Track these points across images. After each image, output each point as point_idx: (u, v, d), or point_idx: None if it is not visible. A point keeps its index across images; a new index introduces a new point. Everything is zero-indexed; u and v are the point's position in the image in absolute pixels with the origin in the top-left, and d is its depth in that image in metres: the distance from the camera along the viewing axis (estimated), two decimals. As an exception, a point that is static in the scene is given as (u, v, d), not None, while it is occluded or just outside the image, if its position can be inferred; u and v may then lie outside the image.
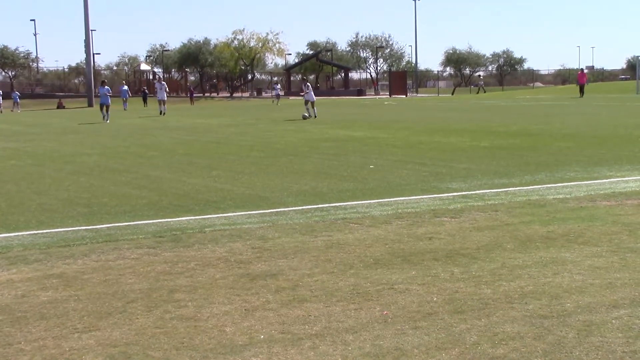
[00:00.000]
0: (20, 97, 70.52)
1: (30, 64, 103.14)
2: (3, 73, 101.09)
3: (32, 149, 22.93)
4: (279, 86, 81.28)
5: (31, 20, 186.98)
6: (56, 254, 8.28)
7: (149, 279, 7.12)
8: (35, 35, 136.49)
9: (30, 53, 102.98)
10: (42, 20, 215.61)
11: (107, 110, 40.07)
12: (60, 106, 72.49)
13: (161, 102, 47.07)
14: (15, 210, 11.29)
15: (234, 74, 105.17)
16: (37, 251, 8.43)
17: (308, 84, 38.84)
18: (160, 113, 45.86)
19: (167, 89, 49.28)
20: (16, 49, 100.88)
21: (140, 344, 5.34)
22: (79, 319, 5.93)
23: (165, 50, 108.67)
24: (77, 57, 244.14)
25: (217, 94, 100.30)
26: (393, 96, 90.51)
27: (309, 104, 37.17)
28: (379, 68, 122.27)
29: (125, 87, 61.27)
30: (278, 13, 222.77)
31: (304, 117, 36.00)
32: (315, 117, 36.27)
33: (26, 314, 6.11)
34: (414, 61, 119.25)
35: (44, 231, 9.60)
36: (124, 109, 51.91)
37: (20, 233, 9.51)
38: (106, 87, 41.03)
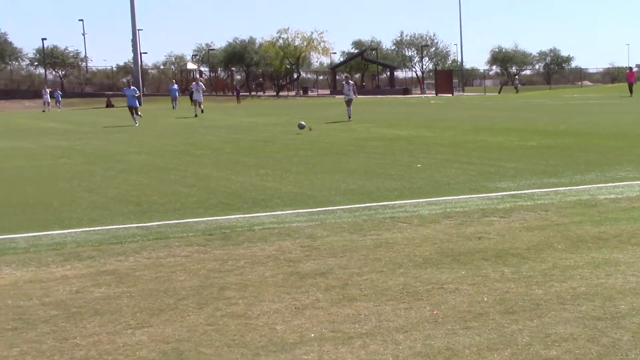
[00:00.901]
0: (62, 96, 71.51)
1: (80, 63, 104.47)
2: (53, 72, 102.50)
3: (82, 147, 23.25)
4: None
5: (79, 20, 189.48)
6: (108, 250, 8.39)
7: (200, 277, 7.19)
8: (83, 35, 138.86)
9: (79, 53, 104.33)
10: (90, 20, 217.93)
11: (136, 113, 36.96)
12: (109, 105, 73.39)
13: (197, 102, 45.33)
14: (68, 207, 11.46)
15: (280, 72, 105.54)
16: (90, 248, 8.55)
17: (351, 82, 36.71)
18: (196, 116, 43.36)
19: (204, 89, 47.42)
20: (65, 49, 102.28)
21: (192, 341, 5.39)
22: (131, 315, 6.01)
23: (211, 50, 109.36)
24: (124, 56, 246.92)
25: (264, 93, 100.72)
26: (439, 95, 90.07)
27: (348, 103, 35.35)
28: (424, 67, 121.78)
29: (175, 86, 61.15)
30: (323, 12, 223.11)
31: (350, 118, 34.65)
32: (350, 119, 34.02)
33: (81, 310, 6.21)
34: (459, 60, 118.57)
35: (96, 228, 9.74)
36: (173, 108, 52.19)
37: (73, 230, 9.66)
38: (132, 87, 38.50)
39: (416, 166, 15.57)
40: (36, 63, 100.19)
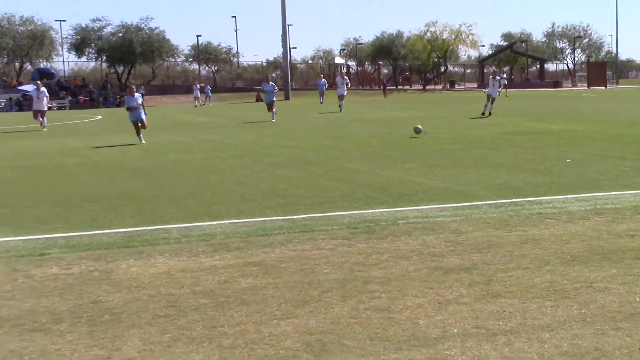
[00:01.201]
0: (212, 91, 73.53)
1: (231, 59, 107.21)
2: (207, 68, 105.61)
3: (233, 141, 23.88)
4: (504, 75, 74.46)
5: (232, 16, 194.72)
6: (255, 242, 8.61)
7: (344, 270, 7.27)
8: (236, 31, 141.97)
9: (232, 48, 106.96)
10: (242, 17, 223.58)
11: (270, 109, 35.14)
12: (258, 99, 74.97)
13: (340, 97, 43.43)
14: (219, 199, 11.82)
15: (427, 66, 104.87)
16: (238, 239, 8.80)
17: (498, 77, 34.44)
18: (340, 110, 41.56)
19: (349, 84, 45.54)
20: (218, 45, 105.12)
21: (336, 333, 5.46)
22: (277, 306, 6.15)
23: (359, 44, 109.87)
24: (274, 51, 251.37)
25: (410, 87, 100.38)
26: (591, 88, 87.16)
27: (490, 99, 33.01)
28: (576, 59, 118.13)
29: (323, 81, 61.46)
30: (472, 4, 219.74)
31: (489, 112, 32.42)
32: (490, 114, 31.74)
33: (228, 299, 6.41)
34: (614, 51, 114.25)
35: (244, 220, 10.00)
36: (320, 102, 52.69)
37: (222, 222, 9.96)
38: (271, 83, 36.66)
39: (565, 161, 15.15)
40: (191, 59, 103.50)
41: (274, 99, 35.42)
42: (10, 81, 77.40)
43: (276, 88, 36.98)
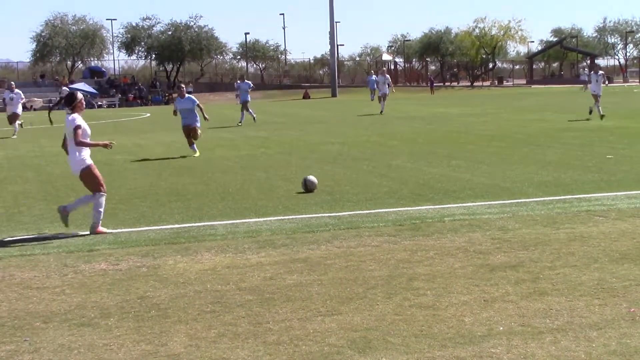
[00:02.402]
0: (254, 89, 72.97)
1: (279, 56, 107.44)
2: (254, 65, 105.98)
3: (279, 137, 23.95)
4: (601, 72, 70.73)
5: (280, 14, 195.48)
6: (301, 239, 8.63)
7: (389, 267, 7.26)
8: (283, 28, 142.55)
9: (279, 46, 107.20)
10: (290, 14, 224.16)
11: (246, 109, 31.48)
12: (306, 96, 75.05)
13: (383, 96, 39.06)
14: (264, 196, 11.87)
15: (475, 62, 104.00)
16: (283, 236, 8.83)
17: (600, 72, 28.55)
18: (381, 112, 36.83)
19: (390, 83, 43.27)
20: (266, 42, 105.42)
21: (380, 330, 5.46)
22: (322, 303, 6.16)
23: (407, 40, 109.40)
24: (321, 48, 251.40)
25: (458, 83, 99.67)
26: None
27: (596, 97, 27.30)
28: (628, 54, 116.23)
29: (374, 77, 60.75)
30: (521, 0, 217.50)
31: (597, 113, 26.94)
32: (602, 116, 26.22)
33: (274, 296, 6.44)
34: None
35: (290, 217, 10.04)
36: (371, 100, 52.41)
37: (268, 218, 10.00)
38: (247, 81, 32.99)
39: (606, 157, 14.94)
40: (239, 57, 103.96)
41: (249, 99, 32.06)
42: (62, 79, 78.46)
43: (252, 86, 33.63)
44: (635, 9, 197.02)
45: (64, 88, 31.33)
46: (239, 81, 34.43)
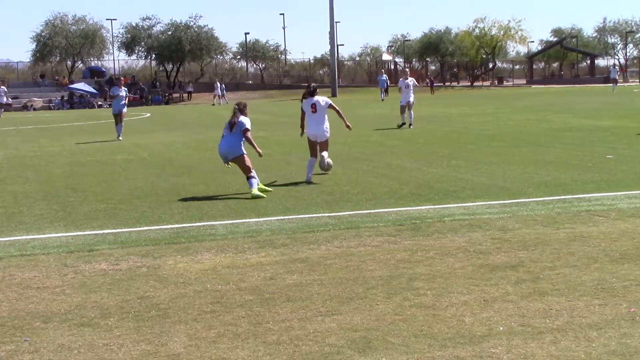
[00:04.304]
0: (226, 89, 71.29)
1: (279, 56, 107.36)
2: (254, 66, 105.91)
3: (280, 137, 23.94)
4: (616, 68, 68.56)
5: (280, 14, 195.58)
6: (301, 239, 8.63)
7: (389, 267, 7.26)
8: (283, 28, 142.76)
9: (279, 46, 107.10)
10: (290, 14, 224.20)
11: (120, 121, 26.93)
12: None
13: (408, 106, 41.23)
14: (264, 196, 11.85)
15: (475, 62, 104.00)
16: (283, 236, 8.83)
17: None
18: (410, 125, 37.46)
19: (388, 82, 42.10)
20: (266, 42, 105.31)
21: (380, 330, 5.46)
22: (322, 303, 6.17)
23: (407, 40, 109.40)
24: (321, 48, 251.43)
25: (458, 83, 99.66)
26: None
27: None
28: (628, 54, 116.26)
29: (385, 77, 60.01)
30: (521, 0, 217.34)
31: None
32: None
33: (274, 296, 6.44)
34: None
35: (290, 217, 10.04)
36: (382, 100, 52.20)
37: (268, 218, 10.01)
38: (122, 87, 27.44)
39: (606, 157, 14.93)
40: (238, 57, 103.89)
41: (125, 110, 27.49)
42: (62, 80, 78.43)
43: (126, 93, 27.64)
44: (635, 9, 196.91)
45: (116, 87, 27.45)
46: (114, 87, 28.37)
